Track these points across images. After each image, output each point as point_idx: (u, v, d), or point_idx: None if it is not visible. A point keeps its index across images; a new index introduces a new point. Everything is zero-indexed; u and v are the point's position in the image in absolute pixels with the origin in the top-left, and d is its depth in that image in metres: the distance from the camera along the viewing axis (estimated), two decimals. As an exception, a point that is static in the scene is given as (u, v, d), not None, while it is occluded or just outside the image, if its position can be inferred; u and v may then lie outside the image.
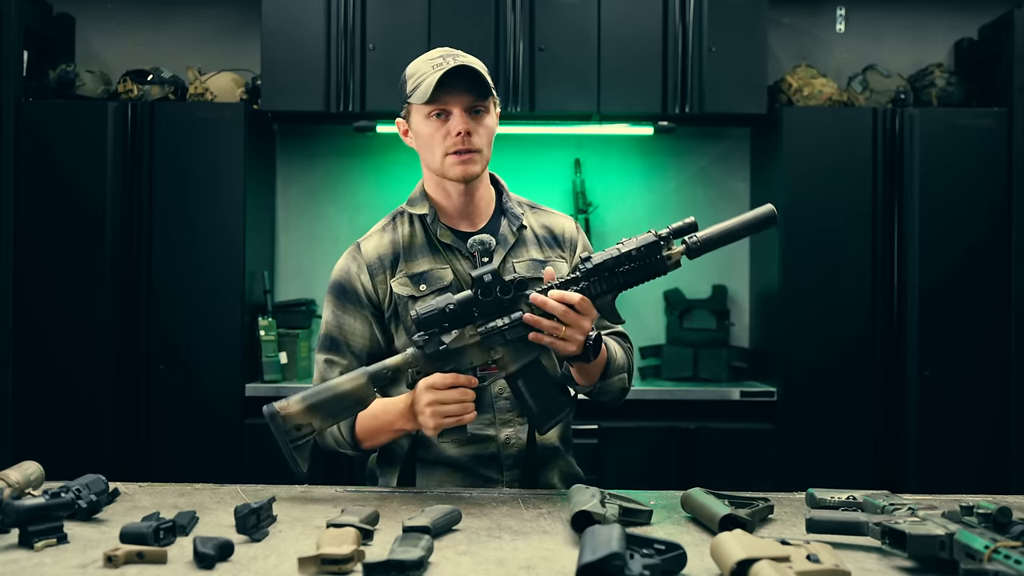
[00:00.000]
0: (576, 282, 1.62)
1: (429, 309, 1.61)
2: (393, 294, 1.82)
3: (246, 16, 3.99)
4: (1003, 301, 3.52)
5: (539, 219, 1.93)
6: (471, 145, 1.78)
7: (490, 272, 1.60)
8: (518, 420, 1.81)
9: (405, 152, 3.97)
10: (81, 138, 3.51)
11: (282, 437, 1.62)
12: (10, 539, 1.34)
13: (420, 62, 1.81)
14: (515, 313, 1.61)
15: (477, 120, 1.79)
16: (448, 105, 1.77)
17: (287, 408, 1.62)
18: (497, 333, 1.62)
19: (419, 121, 1.81)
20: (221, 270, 3.53)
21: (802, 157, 3.56)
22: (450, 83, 1.74)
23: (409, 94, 1.80)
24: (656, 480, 3.35)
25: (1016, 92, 3.55)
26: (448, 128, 1.78)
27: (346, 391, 1.63)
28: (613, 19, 3.60)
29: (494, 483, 1.81)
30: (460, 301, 1.61)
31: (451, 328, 1.62)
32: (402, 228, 1.89)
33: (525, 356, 1.64)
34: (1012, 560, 1.09)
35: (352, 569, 1.20)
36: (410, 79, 1.80)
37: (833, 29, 4.02)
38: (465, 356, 1.63)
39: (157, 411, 3.50)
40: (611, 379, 1.79)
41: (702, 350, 3.75)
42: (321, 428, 1.64)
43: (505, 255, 1.84)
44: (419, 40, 3.57)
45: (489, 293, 1.60)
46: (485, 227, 1.87)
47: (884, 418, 3.53)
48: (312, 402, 1.63)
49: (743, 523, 1.40)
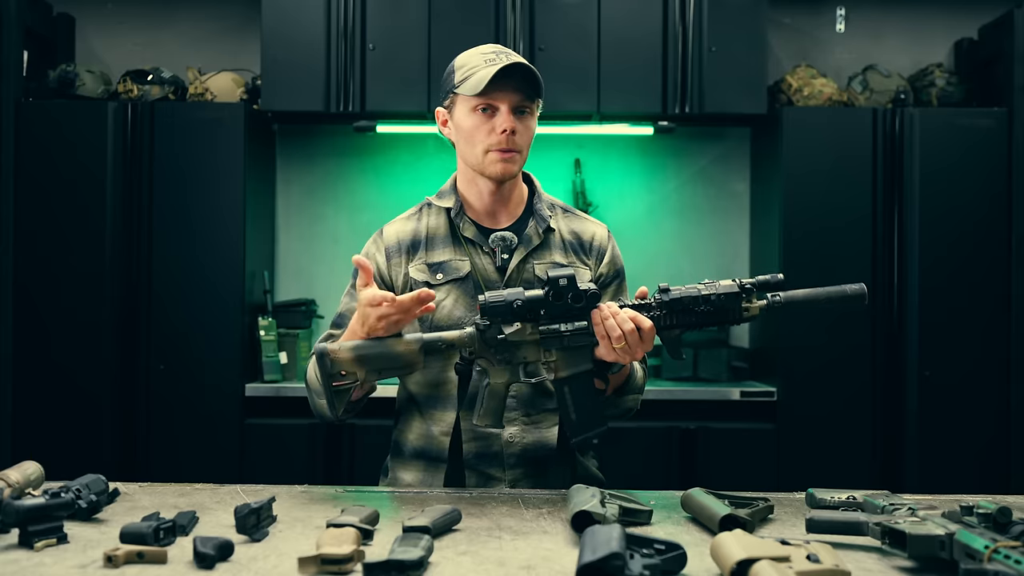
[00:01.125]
0: (649, 309, 1.62)
1: (497, 299, 1.60)
2: (409, 278, 1.84)
3: (246, 16, 3.99)
4: (1003, 301, 3.52)
5: (569, 224, 1.92)
6: (514, 144, 1.78)
7: (567, 277, 1.60)
8: (523, 419, 1.81)
9: (405, 152, 4.02)
10: (81, 138, 3.51)
11: (325, 378, 1.62)
12: (10, 539, 1.34)
13: (471, 55, 1.81)
14: (580, 322, 1.61)
15: (521, 120, 1.79)
16: (497, 101, 1.77)
17: (337, 353, 1.62)
18: (557, 336, 1.62)
19: (463, 113, 1.80)
20: (221, 270, 3.52)
21: (802, 157, 3.56)
22: (502, 80, 1.74)
23: (457, 84, 1.79)
24: (656, 480, 3.36)
25: (1016, 92, 3.55)
26: (493, 124, 1.78)
27: (398, 352, 1.63)
28: (613, 19, 3.60)
29: (496, 480, 1.81)
30: (529, 299, 1.60)
31: (514, 320, 1.62)
32: (427, 218, 1.90)
33: (578, 365, 1.64)
34: (1012, 560, 1.09)
35: (352, 569, 1.20)
36: (459, 70, 1.80)
37: (833, 29, 4.02)
38: (520, 350, 1.63)
39: (157, 411, 3.50)
40: (625, 397, 1.81)
41: (702, 350, 3.75)
42: (365, 380, 1.63)
43: (527, 255, 1.84)
44: (419, 40, 3.57)
45: (560, 297, 1.60)
46: (511, 226, 1.87)
47: (884, 418, 3.53)
48: (362, 353, 1.62)
49: (743, 523, 1.40)
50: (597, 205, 3.93)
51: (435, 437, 1.82)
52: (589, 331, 1.61)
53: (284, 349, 3.62)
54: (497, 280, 1.82)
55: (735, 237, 4.02)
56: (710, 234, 4.03)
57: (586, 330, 1.61)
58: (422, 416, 1.85)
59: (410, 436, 1.86)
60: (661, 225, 4.02)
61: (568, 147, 3.98)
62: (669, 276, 3.96)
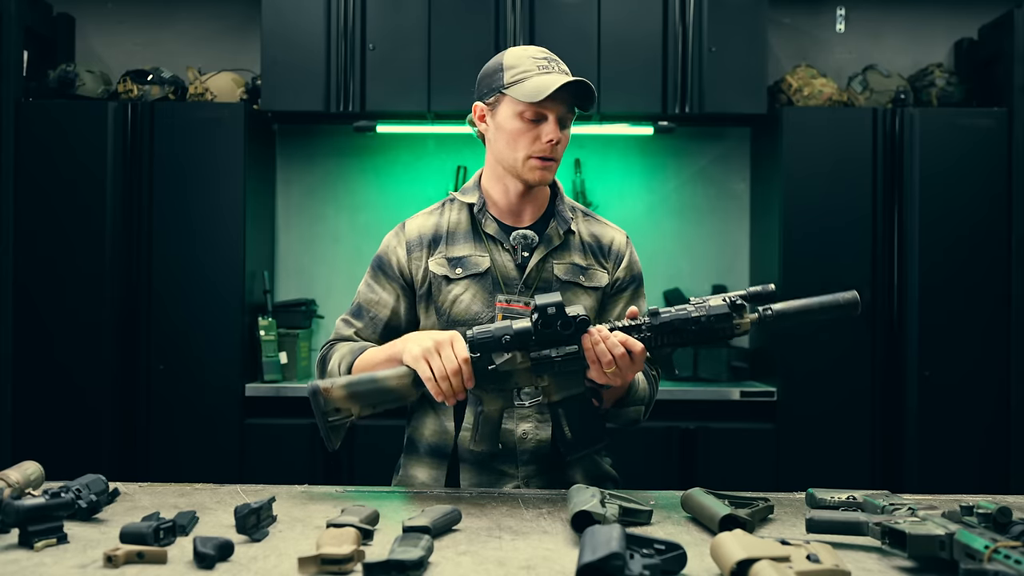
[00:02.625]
0: (639, 330, 1.62)
1: (485, 334, 1.61)
2: (428, 272, 1.85)
3: (246, 16, 3.99)
4: (1003, 301, 3.52)
5: (589, 227, 1.94)
6: (555, 154, 1.80)
7: (555, 305, 1.59)
8: (536, 416, 1.82)
9: (405, 152, 4.02)
10: (81, 138, 3.52)
11: (320, 415, 1.65)
12: (10, 539, 1.34)
13: (521, 57, 1.80)
14: (570, 347, 1.61)
15: (563, 131, 1.81)
16: (548, 111, 1.77)
17: (331, 390, 1.64)
18: (548, 362, 1.62)
19: (508, 115, 1.79)
20: (221, 270, 3.53)
21: (802, 157, 3.56)
22: (559, 92, 1.74)
23: (506, 85, 1.78)
24: (656, 480, 3.35)
25: (1016, 92, 3.55)
26: (539, 132, 1.78)
27: (390, 387, 1.64)
28: (613, 19, 3.60)
29: (509, 478, 1.81)
30: (518, 332, 1.61)
31: (504, 350, 1.62)
32: (449, 213, 1.91)
33: (571, 388, 1.64)
34: (1012, 560, 1.09)
35: (352, 569, 1.20)
36: (508, 70, 1.79)
37: (833, 29, 4.02)
38: (512, 378, 1.64)
39: (157, 411, 3.50)
40: (627, 409, 1.81)
41: (702, 350, 3.75)
42: (359, 415, 1.65)
43: (546, 255, 1.85)
44: (419, 40, 3.57)
45: (549, 325, 1.60)
46: (532, 225, 1.88)
47: (884, 418, 3.53)
48: (356, 390, 1.64)
49: (743, 523, 1.40)
50: (597, 205, 3.93)
51: (450, 433, 1.83)
52: (580, 355, 1.61)
53: (284, 349, 3.62)
54: (516, 277, 1.83)
55: (735, 237, 4.02)
56: (710, 234, 4.03)
57: (577, 354, 1.61)
58: (436, 413, 1.85)
59: (425, 432, 1.86)
60: (661, 225, 4.02)
61: (568, 147, 3.97)
62: (669, 276, 3.98)
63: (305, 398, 1.85)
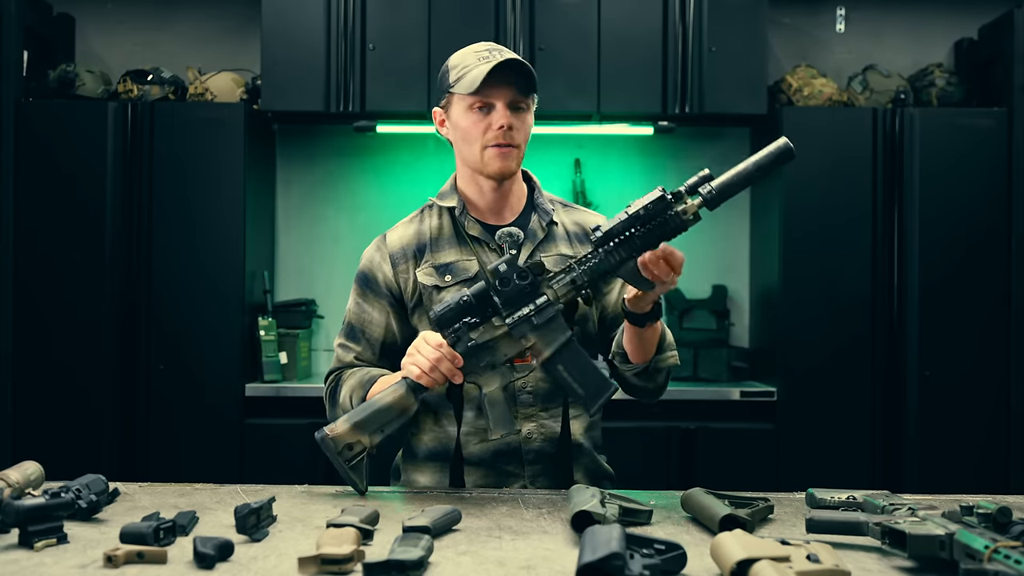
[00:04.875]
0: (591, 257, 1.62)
1: (443, 307, 1.62)
2: (417, 283, 1.84)
3: (246, 16, 3.99)
4: (1003, 301, 3.52)
5: (571, 216, 1.93)
6: (511, 140, 1.78)
7: (505, 262, 1.60)
8: (541, 415, 1.81)
9: (405, 152, 4.02)
10: (81, 138, 3.51)
11: (335, 458, 1.66)
12: (10, 539, 1.34)
13: (465, 53, 1.80)
14: (540, 298, 1.61)
15: (518, 116, 1.79)
16: (492, 98, 1.76)
17: (335, 430, 1.65)
18: (524, 320, 1.61)
19: (460, 112, 1.80)
20: (221, 270, 3.53)
21: (802, 157, 3.49)
22: (496, 77, 1.74)
23: (452, 84, 1.79)
24: (656, 480, 3.35)
25: (1016, 92, 3.55)
26: (490, 121, 1.77)
27: (388, 404, 1.65)
28: (613, 19, 3.60)
29: (515, 478, 1.81)
30: (475, 293, 1.61)
31: (479, 324, 1.62)
32: (430, 220, 1.90)
33: (557, 338, 1.62)
34: (1012, 560, 1.09)
35: (352, 569, 1.20)
36: (453, 69, 1.79)
37: (833, 29, 4.02)
38: (497, 349, 1.63)
39: (157, 411, 3.50)
40: (664, 354, 1.79)
41: (702, 350, 3.75)
42: (371, 444, 1.66)
43: (533, 249, 1.85)
44: (419, 40, 3.57)
45: (508, 283, 1.60)
46: (514, 222, 1.87)
47: (884, 418, 3.53)
48: (356, 420, 1.65)
49: (743, 523, 1.40)
50: (597, 205, 3.92)
51: (452, 436, 1.82)
52: (549, 302, 1.61)
53: (284, 349, 3.62)
54: None
55: (735, 237, 4.02)
56: (710, 234, 4.02)
57: (548, 303, 1.61)
58: (436, 418, 1.84)
59: (424, 438, 1.85)
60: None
61: (568, 147, 3.98)
62: (669, 276, 3.97)
63: (305, 398, 1.85)
